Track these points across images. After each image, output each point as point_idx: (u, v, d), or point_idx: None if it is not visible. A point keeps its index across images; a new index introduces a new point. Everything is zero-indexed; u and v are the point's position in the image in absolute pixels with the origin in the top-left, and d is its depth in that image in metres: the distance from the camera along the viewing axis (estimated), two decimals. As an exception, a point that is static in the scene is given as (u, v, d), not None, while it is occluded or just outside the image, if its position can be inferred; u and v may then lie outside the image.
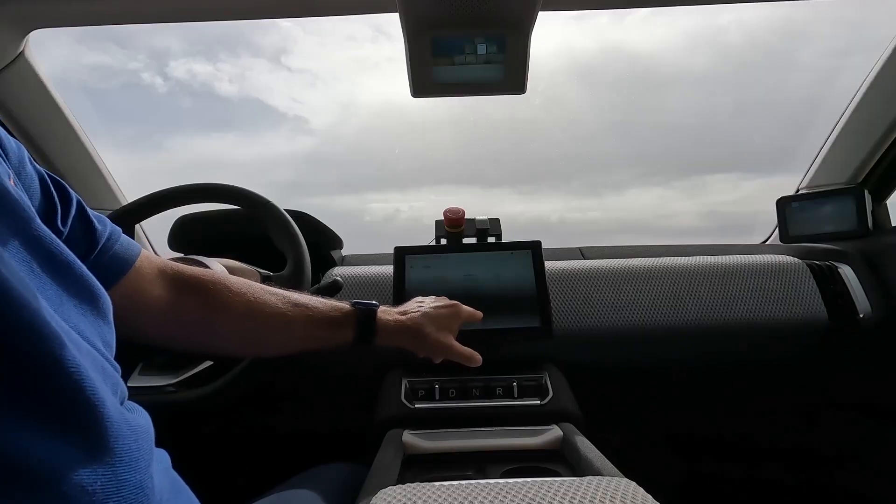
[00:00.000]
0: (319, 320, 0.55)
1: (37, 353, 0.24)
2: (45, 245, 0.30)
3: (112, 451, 0.27)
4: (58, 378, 0.25)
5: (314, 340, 0.55)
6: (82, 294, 0.32)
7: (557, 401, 0.70)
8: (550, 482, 0.39)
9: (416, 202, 1.61)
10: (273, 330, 0.52)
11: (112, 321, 0.35)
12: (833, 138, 1.03)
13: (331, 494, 0.52)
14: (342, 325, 0.56)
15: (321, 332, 0.55)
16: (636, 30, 1.31)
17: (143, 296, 0.45)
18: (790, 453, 1.02)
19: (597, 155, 1.50)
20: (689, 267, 0.89)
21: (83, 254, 0.40)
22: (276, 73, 1.46)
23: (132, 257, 0.44)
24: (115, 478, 0.27)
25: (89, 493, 0.25)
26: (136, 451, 0.29)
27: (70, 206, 0.39)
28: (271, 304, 0.52)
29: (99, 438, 0.27)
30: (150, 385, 0.68)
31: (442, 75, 0.69)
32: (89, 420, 0.26)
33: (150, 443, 0.33)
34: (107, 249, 0.42)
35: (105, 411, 0.27)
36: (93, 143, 1.02)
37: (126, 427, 0.29)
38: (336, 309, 0.56)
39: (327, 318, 0.55)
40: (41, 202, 0.37)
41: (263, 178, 1.66)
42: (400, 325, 0.59)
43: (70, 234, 0.39)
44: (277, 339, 0.53)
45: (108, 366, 0.32)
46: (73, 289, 0.31)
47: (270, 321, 0.52)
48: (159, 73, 1.41)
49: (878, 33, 0.91)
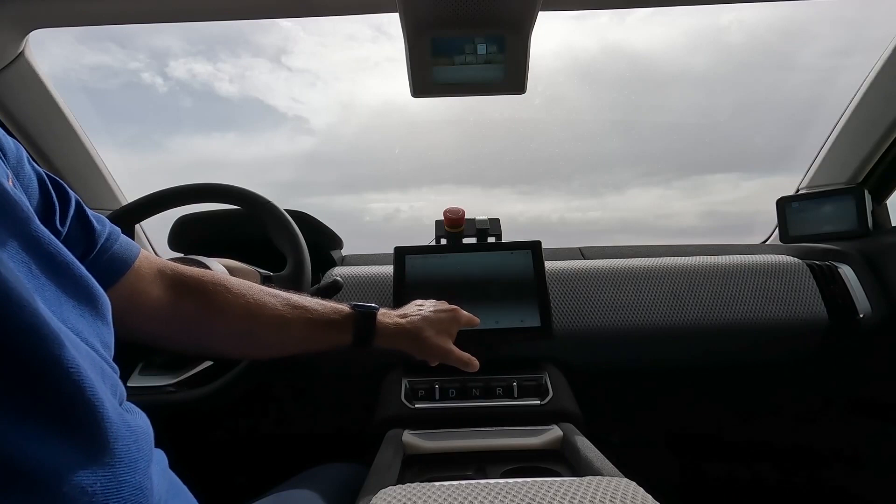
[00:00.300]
0: (318, 322, 0.54)
1: (36, 354, 0.24)
2: (43, 246, 0.30)
3: (111, 452, 0.27)
4: (57, 379, 0.25)
5: (312, 342, 0.55)
6: (81, 295, 0.32)
7: (557, 401, 0.70)
8: (550, 482, 0.39)
9: (416, 202, 1.61)
10: (271, 331, 0.52)
11: (111, 322, 0.35)
12: (833, 138, 1.03)
13: (331, 494, 0.52)
14: (341, 327, 0.56)
15: (319, 334, 0.55)
16: (637, 29, 1.31)
17: (141, 296, 0.45)
18: (790, 453, 1.02)
19: (597, 154, 1.50)
20: (689, 267, 0.89)
21: (82, 254, 0.40)
22: (276, 73, 1.46)
23: (131, 257, 0.44)
24: (114, 479, 0.27)
25: (89, 494, 0.25)
26: (135, 452, 0.29)
27: (69, 205, 0.39)
28: (270, 305, 0.52)
29: (98, 439, 0.27)
30: (150, 385, 0.68)
31: (442, 75, 0.69)
32: (88, 421, 0.26)
33: (150, 443, 0.33)
34: (105, 249, 0.42)
35: (104, 412, 0.27)
36: (93, 143, 1.02)
37: (125, 428, 0.29)
38: (335, 311, 0.56)
39: (326, 320, 0.55)
40: (39, 202, 0.37)
41: (264, 178, 1.66)
42: (399, 328, 0.59)
43: (68, 234, 0.39)
44: (275, 340, 0.53)
45: (107, 367, 0.32)
46: (71, 289, 0.31)
47: (268, 322, 0.52)
48: (160, 73, 1.40)
49: (878, 33, 0.91)
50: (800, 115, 1.27)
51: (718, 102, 1.42)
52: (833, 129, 1.03)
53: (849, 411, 0.97)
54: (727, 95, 1.40)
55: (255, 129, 1.60)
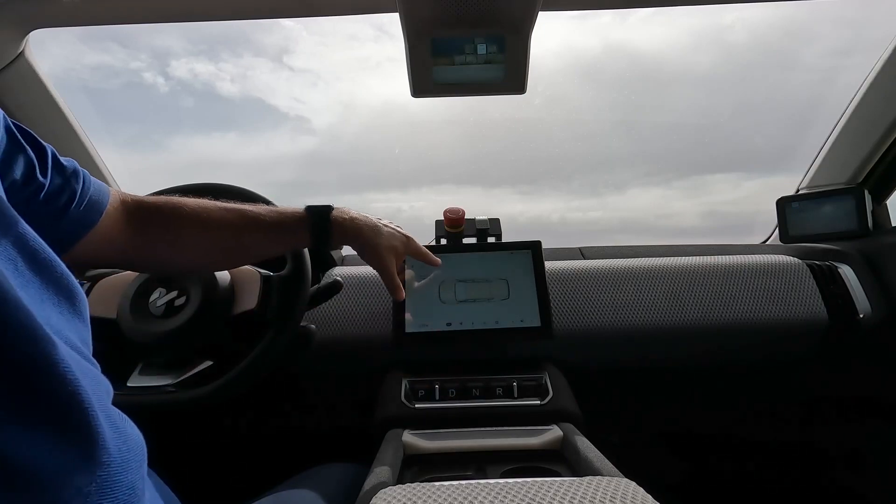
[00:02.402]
0: (270, 226, 0.56)
1: (33, 355, 0.24)
2: (29, 244, 0.30)
3: (105, 451, 0.27)
4: (52, 379, 0.25)
5: (269, 246, 0.57)
6: (62, 293, 0.32)
7: (557, 401, 0.70)
8: (550, 482, 0.39)
9: (416, 202, 1.61)
10: (224, 240, 0.54)
11: (88, 319, 0.35)
12: (833, 138, 1.03)
13: (331, 494, 0.52)
14: (295, 229, 0.57)
15: (274, 239, 0.57)
16: (637, 29, 1.31)
17: (112, 232, 0.47)
18: (790, 453, 1.02)
19: (598, 154, 1.50)
20: (689, 267, 0.89)
21: (67, 202, 0.41)
22: (277, 73, 1.46)
23: (105, 199, 0.46)
24: (108, 479, 0.27)
25: (83, 495, 0.25)
26: (126, 453, 0.29)
27: (46, 156, 0.40)
28: (221, 217, 0.54)
29: (91, 439, 0.27)
30: (150, 385, 0.68)
31: (442, 75, 0.69)
32: (81, 421, 0.26)
33: (141, 443, 0.33)
34: (84, 194, 0.43)
35: (94, 412, 0.27)
36: (93, 142, 1.02)
37: (113, 429, 0.29)
38: (291, 215, 0.58)
39: (278, 224, 0.57)
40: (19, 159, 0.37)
41: (264, 178, 1.66)
42: (355, 225, 0.61)
43: (51, 187, 0.40)
44: (230, 248, 0.55)
45: (90, 365, 0.31)
46: (53, 287, 0.31)
47: (222, 233, 0.54)
48: (161, 72, 1.40)
49: (878, 33, 0.91)
50: (800, 114, 1.27)
51: (719, 102, 1.42)
52: (833, 129, 1.03)
53: (849, 411, 0.97)
54: (728, 95, 1.40)
55: (256, 128, 1.60)
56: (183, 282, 0.69)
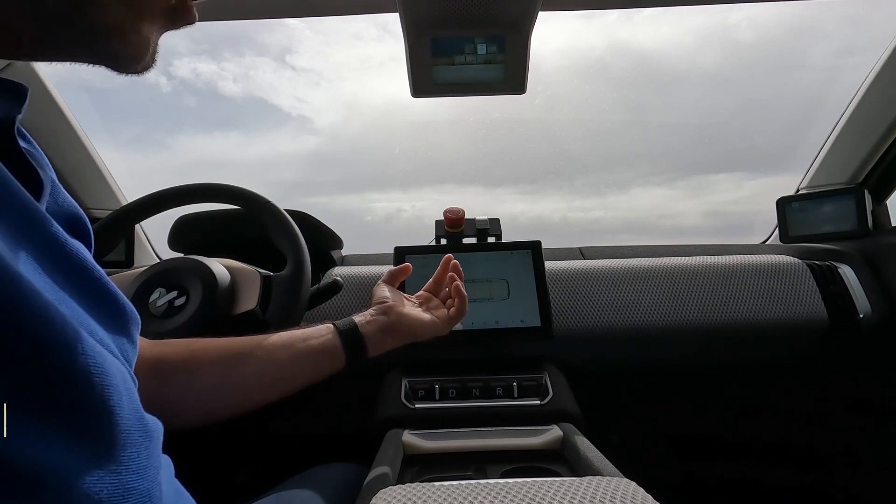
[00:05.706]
0: (303, 356, 0.56)
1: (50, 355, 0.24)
2: (71, 259, 0.28)
3: (120, 458, 0.27)
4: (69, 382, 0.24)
5: (305, 378, 0.56)
6: (106, 309, 0.31)
7: (557, 401, 0.70)
8: (550, 482, 0.39)
9: (418, 202, 1.61)
10: (258, 382, 0.55)
11: (136, 341, 0.34)
12: (833, 138, 1.03)
13: (331, 494, 0.52)
14: (331, 354, 0.57)
15: (310, 368, 0.56)
16: (641, 27, 1.31)
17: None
18: (790, 453, 1.02)
19: (600, 154, 1.50)
20: (689, 267, 0.89)
21: None
22: (280, 73, 1.46)
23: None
24: (121, 486, 0.26)
25: (95, 501, 0.24)
26: (145, 459, 0.29)
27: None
28: (250, 356, 0.54)
29: (108, 444, 0.26)
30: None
31: (442, 75, 0.69)
32: (100, 425, 0.26)
33: (159, 450, 0.32)
34: None
35: (119, 417, 0.27)
36: (93, 143, 1.02)
37: (140, 434, 0.28)
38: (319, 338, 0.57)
39: (312, 355, 0.56)
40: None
41: (266, 178, 1.66)
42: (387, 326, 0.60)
43: None
44: (265, 385, 0.55)
45: (129, 376, 0.31)
46: (95, 301, 0.30)
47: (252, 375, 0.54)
48: (163, 72, 1.41)
49: (878, 32, 0.91)
50: (800, 114, 1.27)
51: (720, 102, 1.42)
52: (833, 129, 1.03)
53: (849, 411, 0.97)
54: (729, 95, 1.40)
55: (259, 128, 1.60)
56: (183, 282, 0.69)
